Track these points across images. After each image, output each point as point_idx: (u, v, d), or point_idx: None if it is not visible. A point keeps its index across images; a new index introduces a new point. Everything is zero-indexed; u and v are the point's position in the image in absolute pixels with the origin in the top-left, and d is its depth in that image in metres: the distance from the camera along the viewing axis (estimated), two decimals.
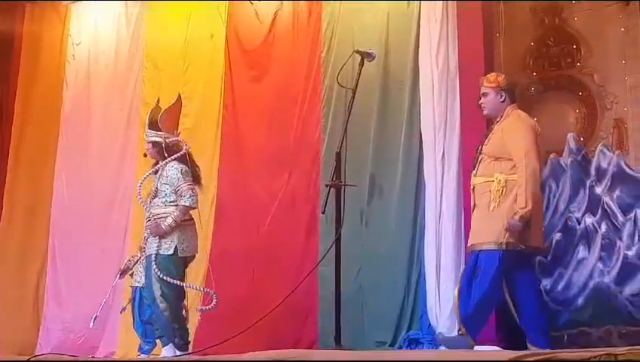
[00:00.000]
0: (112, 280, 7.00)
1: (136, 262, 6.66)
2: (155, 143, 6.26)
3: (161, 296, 6.02)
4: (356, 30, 7.57)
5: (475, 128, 6.63)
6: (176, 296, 6.11)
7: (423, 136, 7.01)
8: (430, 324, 6.74)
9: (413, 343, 6.74)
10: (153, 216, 6.12)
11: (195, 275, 7.06)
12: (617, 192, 6.44)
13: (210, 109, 8.25)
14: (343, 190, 5.66)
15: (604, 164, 6.53)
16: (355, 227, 6.92)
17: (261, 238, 7.46)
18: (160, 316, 6.05)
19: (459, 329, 5.75)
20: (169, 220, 6.08)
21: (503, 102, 5.82)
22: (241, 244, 6.37)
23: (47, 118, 9.21)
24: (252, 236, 6.98)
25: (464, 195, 6.66)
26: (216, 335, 6.31)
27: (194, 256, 6.35)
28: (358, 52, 5.69)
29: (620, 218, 6.36)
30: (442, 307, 6.69)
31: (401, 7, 7.39)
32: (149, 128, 6.31)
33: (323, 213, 5.61)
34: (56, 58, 9.58)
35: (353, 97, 5.56)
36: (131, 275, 6.74)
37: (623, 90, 6.71)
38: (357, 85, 5.86)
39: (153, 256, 6.07)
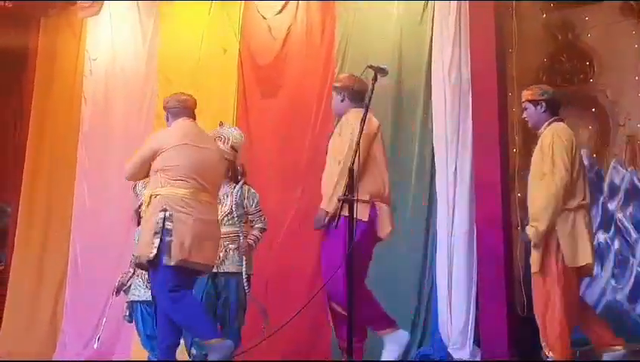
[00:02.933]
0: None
1: (130, 277, 6.67)
2: (230, 162, 6.33)
3: (243, 315, 6.21)
4: (369, 46, 7.60)
5: (487, 143, 6.64)
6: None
7: (435, 150, 7.02)
8: (442, 340, 6.72)
9: (425, 359, 6.73)
10: (227, 233, 6.20)
11: None
12: (630, 209, 6.43)
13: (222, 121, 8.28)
14: (355, 205, 5.66)
15: (617, 181, 6.52)
16: None
17: (274, 252, 7.47)
18: (236, 335, 6.13)
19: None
20: (253, 239, 6.30)
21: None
22: (255, 258, 6.38)
23: (65, 132, 9.27)
24: (265, 250, 6.99)
25: (476, 210, 6.66)
26: None
27: None
28: (371, 67, 5.68)
29: (634, 235, 6.36)
30: (454, 323, 6.68)
31: (414, 22, 7.42)
32: (230, 148, 6.36)
33: (336, 227, 5.61)
34: (71, 72, 9.69)
35: (366, 112, 5.56)
36: (125, 291, 6.75)
37: (636, 107, 6.70)
38: (370, 100, 5.87)
39: (244, 275, 6.18)
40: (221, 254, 6.16)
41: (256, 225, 6.36)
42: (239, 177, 6.44)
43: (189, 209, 5.41)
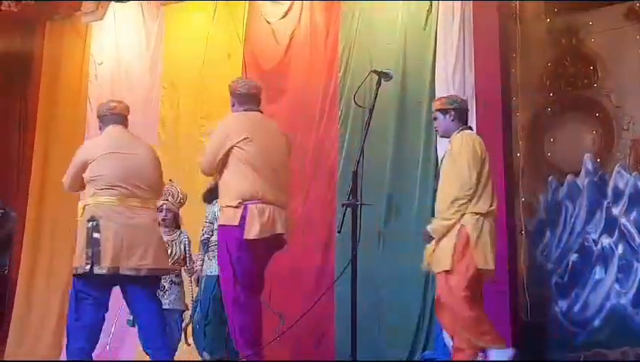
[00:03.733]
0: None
1: None
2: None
3: None
4: (373, 50, 7.61)
5: (492, 148, 6.64)
6: None
7: (439, 155, 7.01)
8: (445, 344, 6.71)
9: None
10: None
11: None
12: (634, 213, 6.43)
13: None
14: (359, 209, 5.66)
15: (621, 185, 6.52)
16: (371, 247, 6.92)
17: (278, 257, 7.46)
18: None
19: None
20: None
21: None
22: None
23: (71, 136, 9.25)
24: None
25: None
26: None
27: None
28: (375, 72, 5.70)
29: (638, 239, 6.36)
30: None
31: (418, 27, 7.43)
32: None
33: (339, 232, 5.61)
34: (77, 76, 9.70)
35: (370, 117, 5.56)
36: None
37: None
38: (374, 105, 5.88)
39: None
40: None
41: None
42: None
43: (115, 216, 5.54)
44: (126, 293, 5.74)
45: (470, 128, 5.90)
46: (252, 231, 5.46)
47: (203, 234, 6.52)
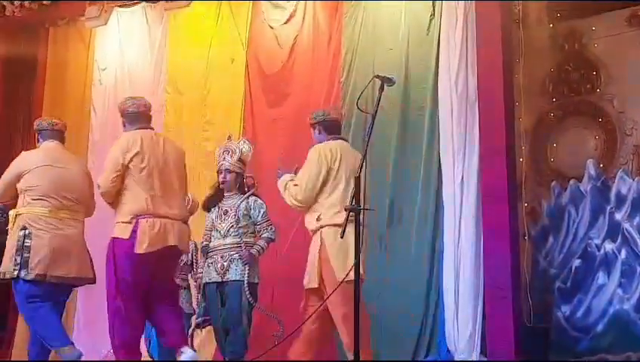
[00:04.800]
0: None
1: None
2: (238, 175, 6.54)
3: (247, 322, 6.24)
4: (376, 55, 7.63)
5: (494, 153, 6.65)
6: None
7: (441, 160, 7.03)
8: (448, 349, 6.72)
9: None
10: (232, 244, 6.34)
11: None
12: (637, 219, 6.43)
13: (230, 133, 8.30)
14: (362, 214, 5.66)
15: (624, 190, 6.52)
16: (374, 251, 6.92)
17: (280, 262, 7.48)
18: (240, 340, 6.20)
19: None
20: (257, 248, 6.36)
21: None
22: (261, 267, 6.41)
23: (75, 141, 9.24)
24: (271, 259, 7.01)
25: (483, 220, 6.66)
26: None
27: None
28: (378, 77, 5.69)
29: None
30: (460, 332, 6.68)
31: (421, 32, 7.44)
32: (238, 160, 6.54)
33: (341, 237, 5.62)
34: (81, 81, 9.74)
35: (373, 122, 5.56)
36: None
37: None
38: (377, 110, 5.87)
39: (245, 283, 6.23)
40: (225, 264, 6.29)
41: (263, 235, 6.43)
42: (246, 189, 6.53)
43: (46, 226, 5.95)
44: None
45: (342, 139, 6.13)
46: (142, 246, 5.59)
47: (203, 242, 6.53)
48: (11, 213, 6.06)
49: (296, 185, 5.94)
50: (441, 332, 6.82)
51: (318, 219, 5.82)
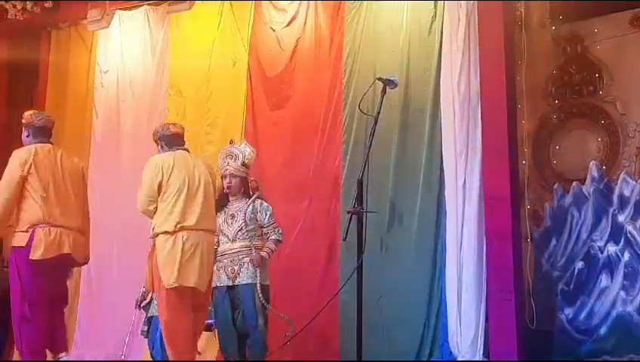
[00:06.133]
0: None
1: (148, 292, 6.78)
2: (242, 179, 6.59)
3: (263, 323, 6.29)
4: (377, 57, 7.61)
5: (497, 155, 6.63)
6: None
7: (444, 163, 7.02)
8: (451, 352, 6.70)
9: None
10: (242, 247, 6.38)
11: None
12: None
13: (232, 136, 8.28)
14: (365, 217, 5.65)
15: (626, 193, 6.50)
16: (374, 253, 6.91)
17: (282, 264, 7.47)
18: (260, 342, 6.26)
19: None
20: (267, 251, 6.43)
21: None
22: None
23: (77, 144, 9.26)
24: (273, 262, 7.00)
25: (485, 222, 6.65)
26: None
27: None
28: (380, 79, 5.69)
29: None
30: (463, 334, 6.67)
31: (422, 33, 7.43)
32: (242, 165, 6.62)
33: (344, 239, 5.61)
34: (83, 84, 9.73)
35: (375, 124, 5.56)
36: (144, 308, 6.84)
37: None
38: (379, 112, 5.86)
39: (258, 285, 6.27)
40: (236, 268, 6.31)
41: (271, 237, 6.49)
42: (251, 192, 6.56)
43: None
44: None
45: (185, 150, 6.25)
46: (37, 252, 5.95)
47: None
48: None
49: None
50: (444, 335, 6.81)
51: (152, 228, 5.96)
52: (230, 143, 6.79)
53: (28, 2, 9.67)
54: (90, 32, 9.63)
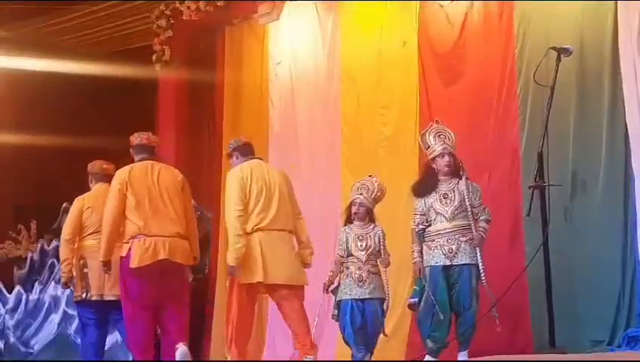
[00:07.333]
0: (317, 298, 7.23)
1: (336, 276, 6.93)
2: (455, 157, 6.56)
3: (476, 305, 6.29)
4: (550, 24, 7.39)
5: None
6: None
7: (629, 128, 6.74)
8: None
9: (633, 341, 6.50)
10: (459, 226, 6.37)
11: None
12: None
13: (408, 117, 8.37)
14: (547, 190, 5.57)
15: None
16: (559, 225, 6.73)
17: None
18: (471, 322, 6.26)
19: None
20: (482, 230, 6.37)
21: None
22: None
23: (256, 136, 9.49)
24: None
25: None
26: None
27: None
28: (554, 49, 5.59)
29: None
30: None
31: None
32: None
33: (528, 215, 5.55)
34: (257, 77, 10.04)
35: (552, 95, 5.45)
36: (333, 292, 6.98)
37: None
38: (555, 82, 5.75)
39: (480, 266, 6.27)
40: (453, 247, 6.29)
41: (481, 218, 6.41)
42: (461, 172, 6.53)
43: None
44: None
45: (258, 158, 7.13)
46: (134, 261, 6.71)
47: (417, 225, 6.55)
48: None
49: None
50: None
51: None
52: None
53: (201, 2, 10.11)
54: (261, 26, 9.92)
